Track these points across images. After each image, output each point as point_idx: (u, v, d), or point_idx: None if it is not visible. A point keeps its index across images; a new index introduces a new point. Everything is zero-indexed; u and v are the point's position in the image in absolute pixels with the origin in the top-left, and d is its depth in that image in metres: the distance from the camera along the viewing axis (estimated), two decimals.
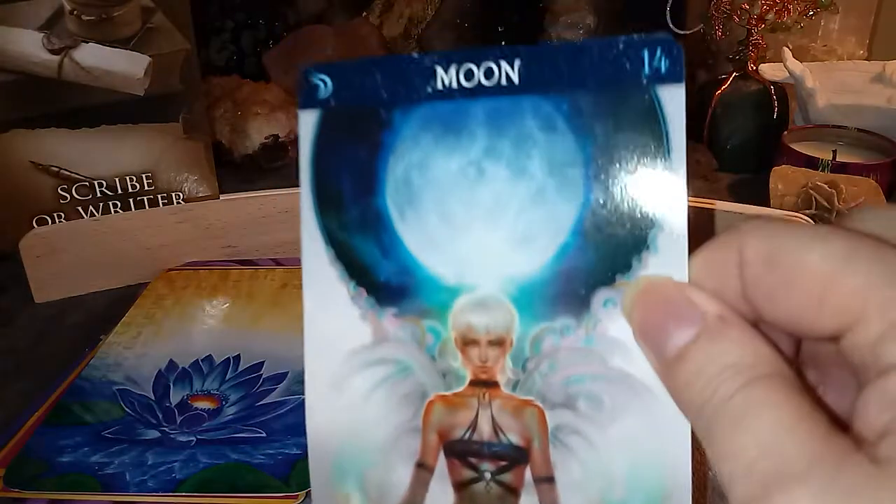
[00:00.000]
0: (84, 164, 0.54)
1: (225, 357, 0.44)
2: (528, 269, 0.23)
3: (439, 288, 0.24)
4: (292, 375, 0.42)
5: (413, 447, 0.24)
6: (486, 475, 0.24)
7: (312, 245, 0.25)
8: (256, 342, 0.45)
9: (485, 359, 0.24)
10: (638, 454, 0.22)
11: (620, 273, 0.21)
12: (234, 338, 0.46)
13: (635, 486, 0.22)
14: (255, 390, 0.41)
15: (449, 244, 0.24)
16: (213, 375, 0.43)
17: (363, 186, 0.24)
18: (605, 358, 0.22)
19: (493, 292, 0.23)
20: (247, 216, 0.53)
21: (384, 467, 0.25)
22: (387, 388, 0.25)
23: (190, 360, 0.44)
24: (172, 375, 0.42)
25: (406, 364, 0.25)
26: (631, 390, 0.21)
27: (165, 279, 0.52)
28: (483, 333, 0.23)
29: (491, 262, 0.23)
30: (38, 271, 0.51)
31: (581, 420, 0.23)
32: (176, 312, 0.48)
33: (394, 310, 0.24)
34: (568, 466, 0.23)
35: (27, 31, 0.51)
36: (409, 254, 0.24)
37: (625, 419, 0.22)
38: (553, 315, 0.23)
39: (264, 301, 0.49)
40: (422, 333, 0.24)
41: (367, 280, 0.25)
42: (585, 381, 0.22)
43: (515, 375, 0.23)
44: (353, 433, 0.25)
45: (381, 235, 0.24)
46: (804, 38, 0.84)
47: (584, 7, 0.81)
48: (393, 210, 0.24)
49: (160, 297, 0.50)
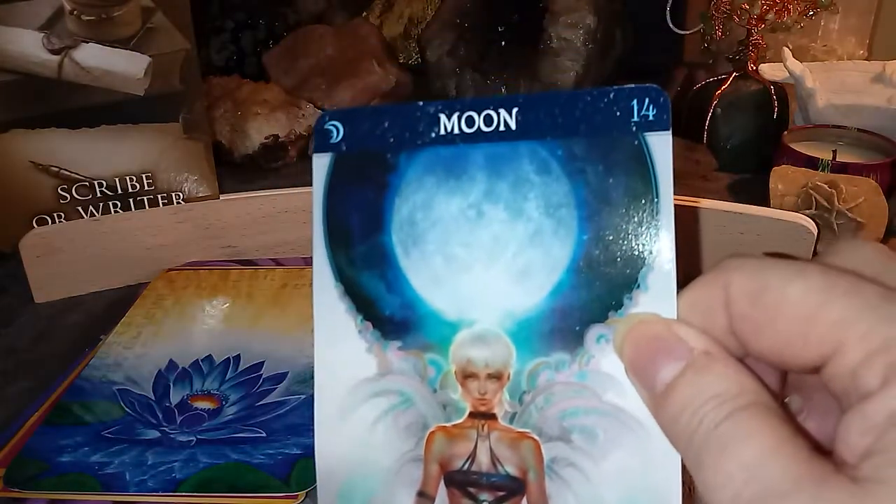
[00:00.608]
0: (84, 164, 0.54)
1: (225, 357, 0.44)
2: (525, 306, 0.24)
3: (441, 323, 0.25)
4: (292, 375, 0.42)
5: (415, 476, 0.25)
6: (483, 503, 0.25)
7: (323, 280, 0.26)
8: (256, 342, 0.45)
9: (483, 391, 0.25)
10: (630, 487, 0.23)
11: (612, 310, 0.22)
12: (234, 338, 0.46)
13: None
14: (255, 390, 0.41)
15: (450, 281, 0.25)
16: (213, 375, 0.43)
17: (371, 225, 0.26)
18: (599, 392, 0.23)
19: (492, 327, 0.25)
20: (247, 216, 0.53)
21: (387, 495, 0.26)
22: (390, 419, 0.26)
23: (190, 360, 0.44)
24: (172, 375, 0.42)
25: (409, 396, 0.26)
26: (623, 424, 0.22)
27: (165, 279, 0.52)
28: (482, 367, 0.25)
29: (490, 298, 0.25)
30: (38, 271, 0.51)
31: (575, 453, 0.24)
32: (176, 312, 0.48)
33: (398, 343, 0.26)
34: (563, 498, 0.23)
35: (27, 30, 0.51)
36: (412, 290, 0.26)
37: (617, 452, 0.23)
38: (549, 350, 0.24)
39: (264, 301, 0.49)
40: (424, 366, 0.26)
41: (373, 314, 0.26)
42: (580, 415, 0.23)
43: (513, 408, 0.24)
44: (359, 461, 0.26)
45: (386, 272, 0.26)
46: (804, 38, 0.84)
47: (584, 7, 0.81)
48: (398, 248, 0.25)
49: (160, 297, 0.50)
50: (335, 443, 0.27)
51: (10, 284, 0.52)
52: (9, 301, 0.52)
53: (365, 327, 0.26)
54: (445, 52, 0.91)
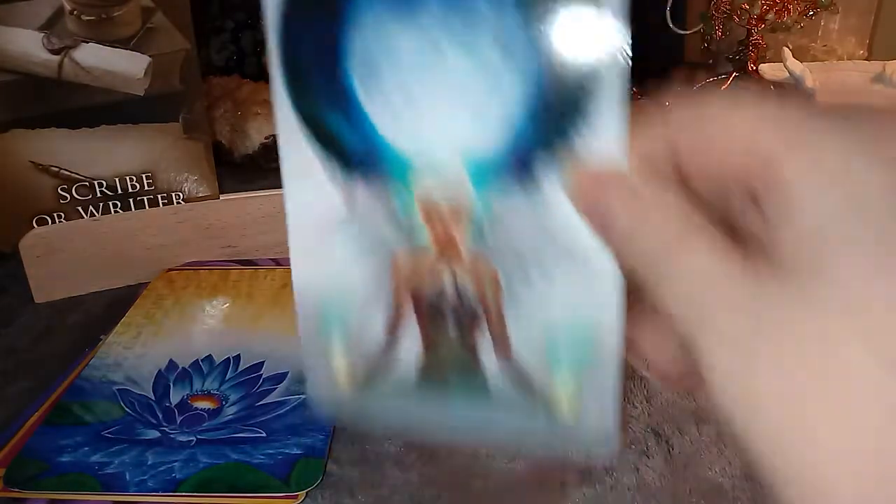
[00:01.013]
0: (84, 163, 0.54)
1: (225, 357, 0.44)
2: (480, 142, 0.25)
3: (402, 159, 0.26)
4: (292, 375, 0.42)
5: (386, 301, 0.27)
6: (449, 331, 0.27)
7: (286, 121, 0.27)
8: (256, 342, 0.45)
9: (445, 225, 0.26)
10: (577, 313, 0.25)
11: (562, 142, 0.23)
12: (234, 338, 0.46)
13: (574, 335, 0.25)
14: (255, 390, 0.41)
15: (410, 119, 0.26)
16: (213, 375, 0.43)
17: (329, 61, 0.26)
18: (550, 225, 0.25)
19: (450, 165, 0.26)
20: (247, 216, 0.53)
21: (362, 318, 0.28)
22: (358, 248, 0.27)
23: (190, 360, 0.44)
24: (172, 375, 0.42)
25: (375, 228, 0.27)
26: (571, 255, 0.24)
27: (165, 279, 0.52)
28: (442, 202, 0.26)
29: (447, 135, 0.26)
30: (38, 271, 0.51)
31: (530, 275, 0.26)
32: (176, 312, 0.48)
33: (362, 178, 0.27)
34: (518, 322, 0.26)
35: (27, 30, 0.51)
36: (374, 128, 0.26)
37: (567, 280, 0.25)
38: (503, 185, 0.25)
39: (264, 301, 0.49)
40: (388, 199, 0.27)
41: (336, 152, 0.27)
42: (532, 241, 0.25)
43: (472, 242, 0.26)
44: (333, 288, 0.28)
45: (348, 110, 0.26)
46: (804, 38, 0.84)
47: None
48: (358, 85, 0.26)
49: (160, 297, 0.50)
50: (309, 273, 0.29)
51: (10, 284, 0.52)
52: (9, 301, 0.52)
53: (329, 165, 0.27)
54: None
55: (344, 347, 0.29)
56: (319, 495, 0.35)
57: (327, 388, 0.29)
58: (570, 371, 0.27)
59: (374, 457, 0.38)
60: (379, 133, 0.26)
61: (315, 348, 0.29)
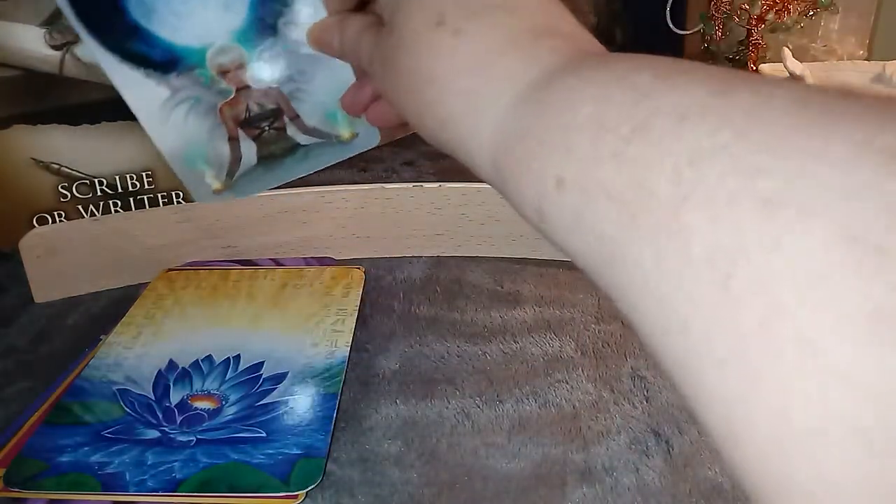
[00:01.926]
0: (85, 161, 0.54)
1: (225, 357, 0.44)
2: (237, 22, 0.42)
3: (193, 51, 0.42)
4: (292, 375, 0.42)
5: (223, 133, 0.44)
6: (265, 126, 0.44)
7: (105, 59, 0.41)
8: (256, 342, 0.45)
9: (237, 76, 0.43)
10: (332, 87, 0.42)
11: (287, 6, 0.40)
12: (234, 338, 0.46)
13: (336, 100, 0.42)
14: (255, 390, 0.41)
15: (188, 26, 0.41)
16: (213, 375, 0.43)
17: (117, 14, 0.40)
18: (296, 50, 0.42)
19: (224, 41, 0.42)
20: (247, 216, 0.53)
21: (212, 148, 0.44)
22: (193, 111, 0.43)
23: (190, 360, 0.44)
24: (172, 375, 0.42)
25: (197, 97, 0.43)
26: (316, 60, 0.41)
27: (165, 279, 0.52)
28: (229, 63, 0.42)
29: (214, 25, 0.42)
30: (38, 271, 0.51)
31: (299, 83, 0.43)
32: (176, 312, 0.48)
33: (174, 73, 0.42)
34: (301, 107, 0.43)
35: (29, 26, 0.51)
36: (164, 40, 0.41)
37: (318, 74, 0.43)
38: (262, 40, 0.42)
39: (264, 301, 0.49)
40: (195, 78, 0.42)
41: (148, 64, 0.42)
42: (292, 65, 0.42)
43: (256, 75, 0.43)
44: (187, 139, 0.44)
45: (142, 36, 0.41)
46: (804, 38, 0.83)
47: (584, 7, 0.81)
48: (140, 20, 0.41)
49: (160, 297, 0.50)
50: (167, 139, 0.44)
51: (10, 284, 0.52)
52: (9, 301, 0.52)
53: (149, 73, 0.42)
54: None
55: (206, 166, 0.45)
56: (319, 495, 0.35)
57: (206, 191, 0.44)
58: (342, 117, 0.45)
59: (374, 457, 0.38)
60: (170, 42, 0.41)
61: (188, 175, 0.44)
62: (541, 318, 0.49)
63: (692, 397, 0.15)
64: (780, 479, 0.12)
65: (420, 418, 0.40)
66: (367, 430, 0.40)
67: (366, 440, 0.39)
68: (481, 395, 0.42)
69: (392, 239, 0.55)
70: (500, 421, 0.40)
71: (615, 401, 0.41)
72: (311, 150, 0.47)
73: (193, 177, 0.46)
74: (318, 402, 0.40)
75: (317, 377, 0.42)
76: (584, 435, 0.39)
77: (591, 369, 0.44)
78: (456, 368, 0.44)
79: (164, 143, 0.44)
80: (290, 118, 0.45)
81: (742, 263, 0.13)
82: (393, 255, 0.56)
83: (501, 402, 0.41)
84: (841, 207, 0.12)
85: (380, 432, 0.39)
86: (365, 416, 0.41)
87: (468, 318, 0.49)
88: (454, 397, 0.42)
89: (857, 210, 0.12)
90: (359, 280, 0.52)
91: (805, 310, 0.12)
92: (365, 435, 0.39)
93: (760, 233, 0.13)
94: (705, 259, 0.14)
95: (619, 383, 0.43)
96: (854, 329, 0.11)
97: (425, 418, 0.40)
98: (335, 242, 0.55)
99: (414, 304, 0.51)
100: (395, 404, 0.41)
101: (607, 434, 0.39)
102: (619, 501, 0.35)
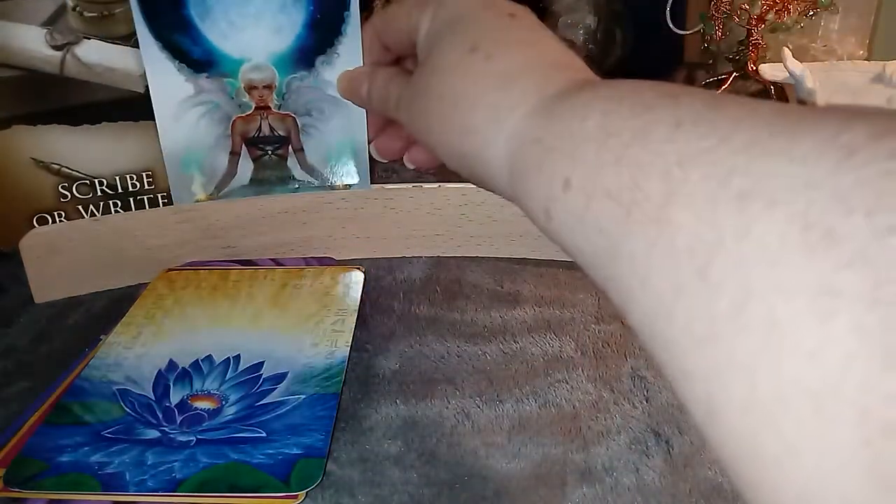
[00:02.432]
0: (85, 161, 0.54)
1: (225, 357, 0.44)
2: (281, 47, 0.46)
3: (231, 60, 0.46)
4: (292, 375, 0.42)
5: (227, 145, 0.48)
6: (268, 151, 0.49)
7: (148, 44, 0.44)
8: (256, 342, 0.45)
9: (262, 95, 0.47)
10: (342, 133, 0.48)
11: (330, 47, 0.45)
12: (234, 338, 0.46)
13: (341, 148, 0.49)
14: (255, 390, 0.41)
15: (234, 35, 0.45)
16: (213, 375, 0.43)
17: (175, 4, 0.44)
18: (323, 88, 0.46)
19: (262, 60, 0.46)
20: (247, 216, 0.53)
21: (212, 158, 0.48)
22: (208, 116, 0.47)
23: (190, 360, 0.44)
24: (172, 375, 0.42)
25: (217, 103, 0.46)
26: (337, 104, 0.47)
27: (165, 279, 0.52)
28: (259, 81, 0.46)
29: (259, 44, 0.45)
30: (38, 271, 0.51)
31: (314, 120, 0.48)
32: (176, 312, 0.48)
33: (205, 74, 0.46)
34: (308, 143, 0.48)
35: (30, 26, 0.51)
36: (209, 42, 0.45)
37: (334, 118, 0.47)
38: (296, 70, 0.46)
39: (264, 301, 0.49)
40: (223, 85, 0.46)
41: (185, 59, 0.45)
42: (314, 101, 0.47)
43: (279, 102, 0.47)
44: (191, 141, 0.47)
45: (191, 33, 0.44)
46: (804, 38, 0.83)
47: (584, 7, 0.81)
48: (195, 17, 0.44)
49: (160, 297, 0.50)
50: (173, 136, 0.47)
51: (10, 284, 0.52)
52: (9, 301, 0.52)
53: (181, 67, 0.45)
54: None
55: (199, 173, 0.49)
56: (319, 495, 0.35)
57: (189, 197, 0.49)
58: (342, 165, 0.50)
59: (374, 457, 0.38)
60: (213, 44, 0.45)
61: (178, 177, 0.48)
62: (541, 318, 0.49)
63: (678, 380, 0.16)
64: (752, 446, 0.14)
65: (420, 418, 0.40)
66: (367, 430, 0.40)
67: (366, 440, 0.39)
68: (481, 395, 0.42)
69: (392, 239, 0.55)
70: (500, 421, 0.40)
71: (615, 401, 0.41)
72: (302, 188, 0.51)
73: (182, 180, 0.48)
74: (318, 402, 0.40)
75: (317, 377, 0.42)
76: (584, 435, 0.39)
77: (591, 369, 0.44)
78: (456, 368, 0.44)
79: (169, 139, 0.46)
80: (295, 149, 0.49)
81: (718, 252, 0.14)
82: (393, 256, 0.56)
83: (501, 402, 0.41)
84: (801, 197, 0.13)
85: (380, 432, 0.39)
86: (365, 416, 0.41)
87: (468, 318, 0.49)
88: (454, 397, 0.42)
89: (814, 199, 0.13)
90: (359, 280, 0.52)
91: (769, 290, 0.13)
92: (365, 435, 0.39)
93: (734, 224, 0.14)
94: (687, 250, 0.15)
95: (619, 383, 0.43)
96: (808, 306, 0.13)
97: (425, 418, 0.40)
98: (335, 242, 0.55)
99: (414, 304, 0.51)
100: (395, 404, 0.41)
101: (607, 434, 0.39)
102: (619, 501, 0.35)
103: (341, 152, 0.50)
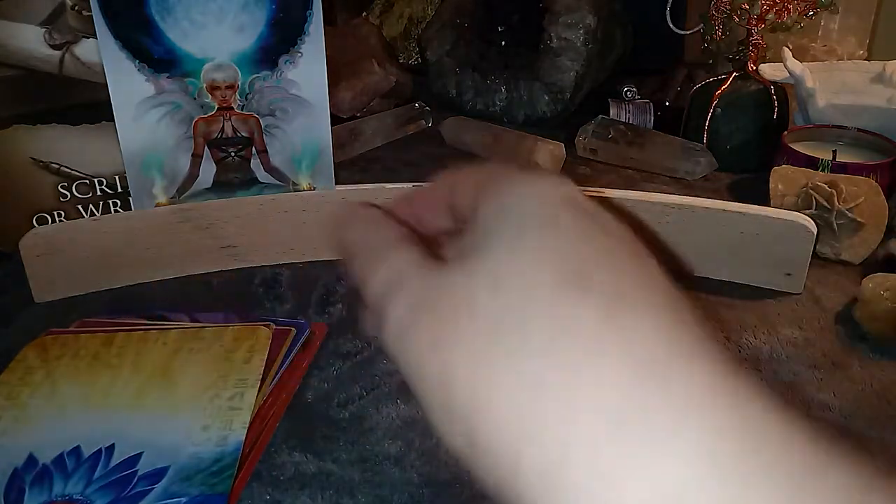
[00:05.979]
0: (84, 160, 0.54)
1: (96, 448, 0.37)
2: (243, 46, 0.45)
3: (192, 60, 0.45)
4: (174, 471, 0.35)
5: (189, 147, 0.47)
6: (231, 153, 0.48)
7: (107, 42, 0.43)
8: (136, 427, 0.39)
9: (224, 96, 0.46)
10: (306, 134, 0.48)
11: (293, 47, 0.46)
12: (109, 422, 0.39)
13: (306, 149, 0.48)
14: (128, 493, 0.35)
15: (195, 34, 0.44)
16: (78, 474, 0.36)
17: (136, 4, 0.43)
18: (287, 88, 0.47)
19: (224, 59, 0.45)
20: (247, 216, 0.53)
21: (173, 160, 0.47)
22: (169, 117, 0.46)
23: (54, 453, 0.37)
24: (30, 476, 0.36)
25: (178, 103, 0.46)
26: (301, 104, 0.47)
27: (40, 346, 0.45)
28: (221, 82, 0.46)
29: (221, 43, 0.45)
30: (38, 271, 0.51)
31: (277, 120, 0.47)
32: (45, 390, 0.41)
33: (166, 74, 0.45)
34: (273, 144, 0.48)
35: (29, 26, 0.51)
36: (171, 41, 0.44)
37: (298, 118, 0.47)
38: (259, 70, 0.46)
39: (152, 372, 0.43)
40: (185, 86, 0.45)
41: (146, 58, 0.44)
42: (278, 102, 0.47)
43: (242, 102, 0.46)
44: (152, 143, 0.46)
45: (151, 32, 0.43)
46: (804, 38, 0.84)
47: (584, 7, 0.81)
48: (157, 16, 0.43)
49: (28, 371, 0.43)
50: (133, 137, 0.46)
51: (10, 284, 0.52)
52: (9, 301, 0.52)
53: (142, 67, 0.44)
54: (445, 52, 0.91)
55: (159, 176, 0.48)
56: (319, 495, 0.35)
57: (149, 201, 0.48)
58: (305, 167, 0.50)
59: (374, 457, 0.38)
60: (175, 43, 0.44)
61: (138, 180, 0.48)
62: None
63: None
64: None
65: (420, 418, 0.40)
66: (367, 430, 0.40)
67: (366, 440, 0.39)
68: None
69: None
70: None
71: None
72: (266, 190, 0.51)
73: (142, 183, 0.48)
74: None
75: (203, 472, 0.35)
76: None
77: None
78: None
79: (128, 141, 0.46)
80: (258, 150, 0.48)
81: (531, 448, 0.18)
82: None
83: None
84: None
85: (380, 432, 0.39)
86: (365, 416, 0.41)
87: None
88: None
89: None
90: (265, 341, 0.45)
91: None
92: (365, 435, 0.39)
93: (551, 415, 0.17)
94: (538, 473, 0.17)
95: None
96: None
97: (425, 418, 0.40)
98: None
99: None
100: (395, 404, 0.41)
101: None
102: None
103: (305, 153, 0.49)
